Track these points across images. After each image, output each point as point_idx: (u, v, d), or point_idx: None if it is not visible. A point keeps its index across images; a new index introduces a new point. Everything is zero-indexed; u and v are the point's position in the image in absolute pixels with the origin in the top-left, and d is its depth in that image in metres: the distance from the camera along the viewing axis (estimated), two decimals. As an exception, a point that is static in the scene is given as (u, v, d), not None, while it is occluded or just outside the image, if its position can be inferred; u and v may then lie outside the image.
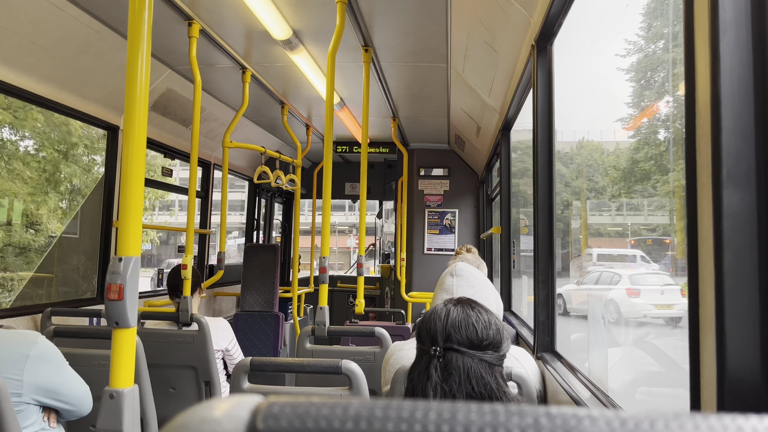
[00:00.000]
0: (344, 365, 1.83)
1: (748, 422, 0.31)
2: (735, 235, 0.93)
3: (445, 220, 6.87)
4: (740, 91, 0.96)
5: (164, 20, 3.32)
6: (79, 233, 5.26)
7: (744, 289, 0.92)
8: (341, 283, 8.12)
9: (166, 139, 4.67)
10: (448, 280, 1.84)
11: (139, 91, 1.63)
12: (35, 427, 1.84)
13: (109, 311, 1.57)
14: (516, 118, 3.92)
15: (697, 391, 1.00)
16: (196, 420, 0.34)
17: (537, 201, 2.51)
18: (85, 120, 3.77)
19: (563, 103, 2.63)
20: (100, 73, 3.56)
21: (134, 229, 1.61)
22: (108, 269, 1.58)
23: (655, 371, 3.35)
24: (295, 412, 0.33)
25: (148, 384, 2.59)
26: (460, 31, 3.33)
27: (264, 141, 6.19)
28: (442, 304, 1.27)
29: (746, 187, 0.94)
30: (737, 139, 0.95)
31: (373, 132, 6.35)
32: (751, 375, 0.90)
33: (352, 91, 4.78)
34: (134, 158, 1.61)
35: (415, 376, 1.20)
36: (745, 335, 0.91)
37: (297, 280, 5.79)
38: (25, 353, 1.80)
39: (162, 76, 4.12)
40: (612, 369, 2.35)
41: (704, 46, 1.00)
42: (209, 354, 3.03)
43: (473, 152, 6.10)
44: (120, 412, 1.56)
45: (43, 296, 5.92)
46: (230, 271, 5.92)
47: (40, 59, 3.13)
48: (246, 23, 3.40)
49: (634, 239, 7.09)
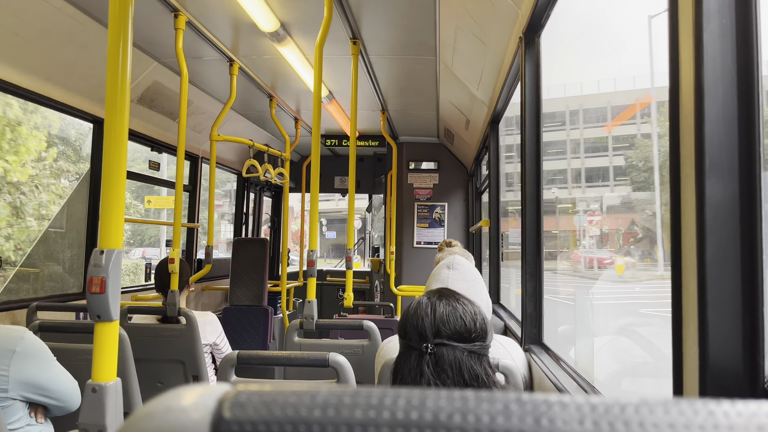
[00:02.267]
0: (331, 358, 1.83)
1: (719, 407, 0.30)
2: (717, 225, 0.93)
3: (435, 213, 6.87)
4: (723, 81, 0.96)
5: (150, 12, 3.28)
6: (66, 227, 5.22)
7: (726, 278, 0.92)
8: (330, 276, 8.11)
9: (153, 132, 4.63)
10: (444, 272, 1.83)
11: (120, 83, 1.61)
12: (21, 422, 1.82)
13: (91, 305, 1.56)
14: (504, 111, 3.92)
15: (679, 380, 1.01)
16: (162, 409, 0.33)
17: (525, 194, 2.51)
18: (70, 113, 3.73)
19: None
20: (85, 65, 3.52)
21: (116, 222, 1.59)
22: (89, 262, 1.57)
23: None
24: (262, 400, 0.33)
25: (134, 378, 2.57)
26: (448, 24, 3.32)
27: (252, 134, 6.16)
28: (426, 299, 1.26)
29: (729, 177, 0.94)
30: (720, 129, 0.95)
31: (363, 125, 6.34)
32: (733, 364, 0.91)
33: (341, 84, 4.76)
34: (116, 150, 1.59)
35: (405, 374, 1.19)
36: (727, 325, 0.91)
37: (286, 273, 5.77)
38: (12, 349, 1.78)
39: (148, 68, 4.08)
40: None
41: (688, 35, 1.00)
42: (197, 348, 3.02)
43: (462, 146, 6.11)
44: (102, 406, 1.55)
45: (30, 291, 5.87)
46: (219, 265, 5.90)
47: (22, 51, 3.09)
48: (233, 15, 3.37)
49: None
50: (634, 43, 7.73)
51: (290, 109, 5.67)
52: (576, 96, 12.93)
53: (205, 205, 4.97)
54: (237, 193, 6.94)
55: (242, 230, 7.00)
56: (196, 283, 5.46)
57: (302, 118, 6.01)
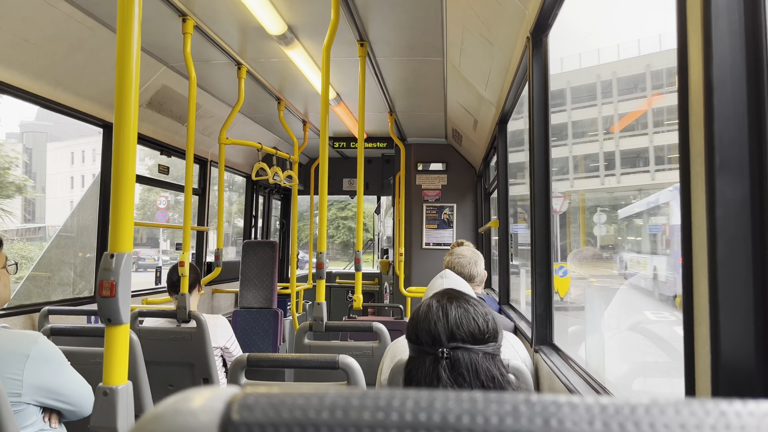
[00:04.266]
0: (341, 360, 1.83)
1: (731, 407, 0.30)
2: (728, 224, 0.93)
3: (443, 214, 6.86)
4: (733, 78, 0.95)
5: (158, 16, 3.30)
6: (76, 231, 5.25)
7: (737, 277, 0.92)
8: (340, 279, 8.11)
9: (162, 136, 4.66)
10: (438, 281, 2.01)
11: (129, 87, 1.62)
12: (35, 427, 1.83)
13: (101, 308, 1.57)
14: (513, 111, 3.91)
15: (692, 380, 1.00)
16: (170, 412, 0.33)
17: (534, 193, 2.50)
18: (80, 118, 3.76)
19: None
20: (94, 71, 3.55)
21: (126, 226, 1.60)
22: (100, 266, 1.58)
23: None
24: (270, 402, 0.33)
25: (145, 381, 2.58)
26: (455, 25, 3.32)
27: (261, 137, 6.18)
28: (435, 301, 1.24)
29: (739, 175, 0.93)
30: (730, 126, 0.94)
31: (370, 127, 6.34)
32: (745, 363, 0.90)
33: (349, 86, 4.77)
34: (125, 154, 1.60)
35: (420, 379, 1.17)
36: (738, 324, 0.90)
37: (295, 276, 5.78)
38: (26, 353, 1.79)
39: (157, 73, 4.10)
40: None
41: (697, 32, 0.99)
42: (207, 351, 3.03)
43: (471, 146, 6.09)
44: (114, 409, 1.56)
45: (42, 295, 5.91)
46: (228, 268, 5.92)
47: (32, 57, 3.11)
48: (240, 18, 3.39)
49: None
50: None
51: (298, 112, 5.68)
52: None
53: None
54: (246, 197, 6.96)
55: (251, 233, 7.02)
56: (205, 286, 5.48)
57: (310, 120, 6.02)
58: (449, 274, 2.07)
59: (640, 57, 12.34)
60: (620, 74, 12.19)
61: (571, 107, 14.15)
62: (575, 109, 14.08)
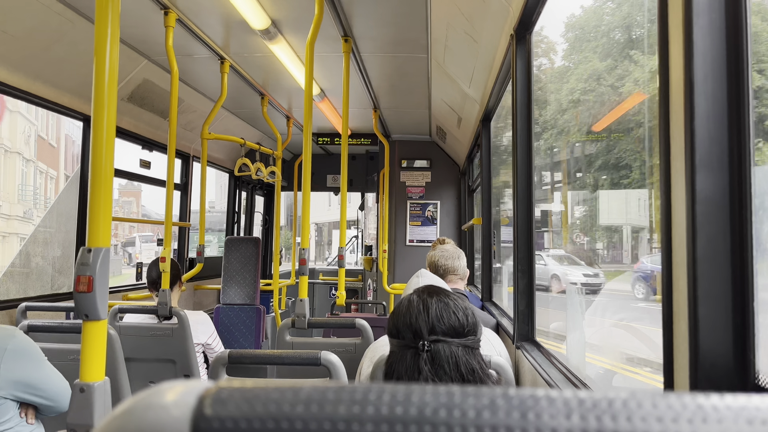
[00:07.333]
0: (323, 356, 1.82)
1: (708, 401, 0.30)
2: (708, 221, 0.93)
3: (427, 211, 6.87)
4: (713, 76, 0.96)
5: (139, 8, 3.26)
6: (56, 226, 5.18)
7: (717, 274, 0.92)
8: (323, 275, 8.09)
9: (144, 130, 4.60)
10: (414, 280, 2.10)
11: (107, 79, 1.59)
12: (12, 422, 1.80)
13: (78, 303, 1.54)
14: (496, 108, 3.92)
15: (670, 376, 1.01)
16: (142, 406, 0.33)
17: (516, 191, 2.51)
18: (60, 111, 3.70)
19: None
20: (74, 63, 3.49)
21: (104, 220, 1.58)
22: (77, 261, 1.55)
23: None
24: (243, 396, 0.32)
25: (125, 377, 2.55)
26: (439, 21, 3.32)
27: (244, 133, 6.13)
28: (416, 296, 1.26)
29: (719, 173, 0.94)
30: (710, 124, 0.95)
31: (355, 123, 6.32)
32: (724, 359, 0.91)
33: (333, 82, 4.74)
34: (103, 148, 1.58)
35: (401, 373, 1.19)
36: (717, 320, 0.91)
37: (278, 272, 5.75)
38: (3, 347, 1.77)
39: (138, 66, 4.05)
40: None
41: (678, 30, 1.00)
42: (189, 347, 3.00)
43: (455, 144, 6.11)
44: (90, 406, 1.53)
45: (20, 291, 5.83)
46: (210, 264, 5.87)
47: (10, 49, 3.06)
48: (223, 12, 3.35)
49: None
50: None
51: (282, 108, 5.65)
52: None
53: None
54: (229, 192, 6.91)
55: (234, 229, 6.97)
56: (187, 282, 5.43)
57: (294, 116, 5.99)
58: (425, 273, 2.13)
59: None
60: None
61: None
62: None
